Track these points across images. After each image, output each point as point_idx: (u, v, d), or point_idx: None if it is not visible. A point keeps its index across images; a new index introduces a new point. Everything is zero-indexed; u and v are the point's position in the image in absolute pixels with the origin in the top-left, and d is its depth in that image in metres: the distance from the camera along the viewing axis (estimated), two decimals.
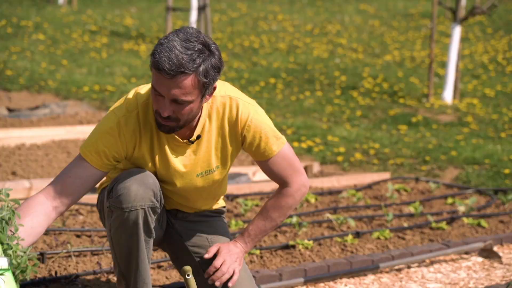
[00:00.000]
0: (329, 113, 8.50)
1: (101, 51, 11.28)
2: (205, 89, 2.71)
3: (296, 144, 7.07)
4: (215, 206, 3.17)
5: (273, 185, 5.38)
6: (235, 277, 2.93)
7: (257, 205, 4.93)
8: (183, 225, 3.09)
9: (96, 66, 10.24)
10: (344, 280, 3.88)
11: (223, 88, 2.91)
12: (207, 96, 2.77)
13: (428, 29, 13.69)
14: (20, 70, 9.50)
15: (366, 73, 10.45)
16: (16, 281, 2.41)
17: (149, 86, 2.86)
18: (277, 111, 8.45)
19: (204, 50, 2.68)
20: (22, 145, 6.26)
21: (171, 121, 2.74)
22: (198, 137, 2.87)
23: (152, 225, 2.84)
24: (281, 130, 7.57)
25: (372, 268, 3.96)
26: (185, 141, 2.87)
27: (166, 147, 2.87)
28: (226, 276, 2.91)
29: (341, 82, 9.97)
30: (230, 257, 2.95)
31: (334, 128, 7.80)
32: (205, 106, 2.86)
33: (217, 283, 2.91)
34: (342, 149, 6.97)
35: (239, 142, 2.92)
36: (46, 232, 4.02)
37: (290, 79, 10.07)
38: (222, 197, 3.20)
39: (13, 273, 2.40)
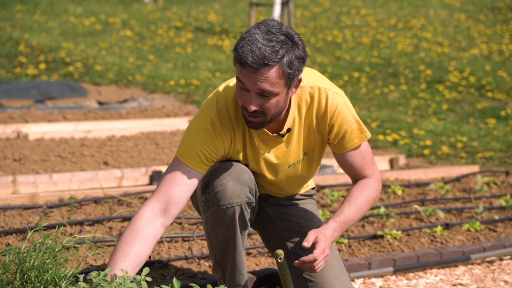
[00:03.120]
0: (414, 107, 8.40)
1: (186, 46, 11.46)
2: (290, 80, 2.67)
3: (381, 137, 7.02)
4: (305, 189, 3.18)
5: None
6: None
7: (342, 196, 4.93)
8: (274, 209, 3.11)
9: (181, 61, 10.41)
10: (434, 270, 3.84)
11: (312, 78, 2.88)
12: (293, 89, 2.73)
13: None
14: (109, 65, 9.75)
15: (452, 67, 10.27)
16: None
17: (234, 83, 2.84)
18: (361, 105, 8.40)
19: (287, 41, 2.64)
20: (112, 137, 6.42)
21: (258, 116, 2.71)
22: (289, 130, 2.86)
23: (248, 218, 2.87)
24: (365, 123, 7.52)
25: (463, 259, 3.90)
26: (275, 134, 2.86)
27: (257, 142, 2.86)
28: (323, 265, 2.82)
29: (426, 76, 9.83)
30: (327, 247, 2.83)
31: (419, 121, 7.71)
32: (294, 98, 2.84)
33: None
34: (428, 142, 6.88)
35: (326, 132, 2.90)
36: None
37: (374, 73, 9.99)
38: (312, 181, 3.20)
39: None
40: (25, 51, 10.25)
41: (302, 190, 3.17)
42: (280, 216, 3.10)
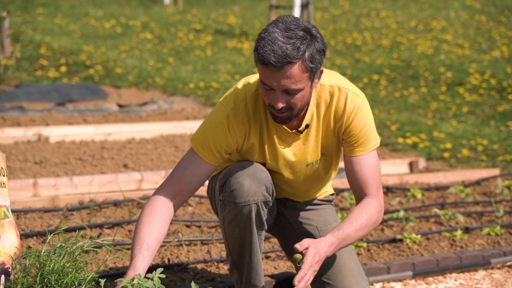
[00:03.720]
0: (434, 109, 8.37)
1: (205, 49, 11.49)
2: (313, 74, 2.68)
3: (401, 140, 7.00)
4: (324, 195, 3.17)
5: (391, 181, 5.40)
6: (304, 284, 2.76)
7: None
8: (293, 213, 3.11)
9: (201, 64, 10.44)
10: (454, 275, 3.83)
11: (332, 78, 2.89)
12: (316, 80, 2.75)
13: None
14: (129, 68, 9.80)
15: (472, 69, 10.21)
16: None
17: (257, 76, 2.85)
18: (381, 107, 8.38)
19: (306, 36, 2.65)
20: (132, 139, 6.46)
21: (285, 112, 2.74)
22: (307, 126, 2.87)
23: (264, 218, 2.87)
24: (385, 126, 7.50)
25: (483, 263, 3.88)
26: (293, 131, 2.87)
27: (276, 138, 2.88)
28: (309, 280, 2.71)
29: (447, 78, 9.78)
30: (317, 262, 2.75)
31: (439, 124, 7.67)
32: (313, 95, 2.85)
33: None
34: (448, 145, 6.84)
35: (341, 131, 2.89)
36: None
37: (394, 76, 9.96)
38: (330, 184, 3.19)
39: None
40: (46, 54, 10.33)
41: (321, 196, 3.17)
42: (299, 220, 3.10)
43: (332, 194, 3.22)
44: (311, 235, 3.07)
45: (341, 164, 5.79)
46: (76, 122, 6.96)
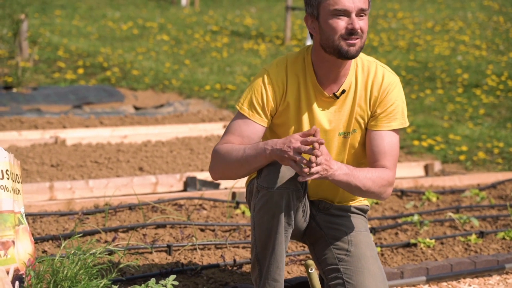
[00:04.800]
0: (450, 111, 8.34)
1: (222, 51, 11.51)
2: (370, 4, 2.91)
3: (416, 142, 6.98)
4: (358, 202, 3.20)
5: (406, 184, 5.42)
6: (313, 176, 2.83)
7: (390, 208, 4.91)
8: (324, 218, 3.16)
9: (217, 65, 10.47)
10: (468, 280, 3.82)
11: (367, 57, 3.07)
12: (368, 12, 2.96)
13: None
14: (146, 70, 9.85)
15: (489, 71, 10.16)
16: None
17: (299, 50, 3.07)
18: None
19: None
20: (148, 142, 6.49)
21: (357, 38, 2.89)
22: (343, 92, 2.99)
23: (293, 213, 2.91)
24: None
25: (497, 268, 3.87)
26: (331, 95, 2.99)
27: (313, 100, 3.00)
28: (318, 171, 2.78)
29: (463, 80, 9.74)
30: (329, 166, 2.81)
31: (456, 126, 7.65)
32: (353, 63, 3.01)
33: (305, 170, 2.80)
34: (464, 148, 6.82)
35: (375, 106, 3.00)
36: (172, 226, 4.16)
37: (410, 77, 9.94)
38: None
39: None
40: (64, 56, 10.40)
41: (355, 202, 3.20)
42: (329, 225, 3.15)
43: (367, 205, 3.24)
44: (339, 239, 3.10)
45: None
46: (92, 125, 7.01)
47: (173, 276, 2.43)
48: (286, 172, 2.86)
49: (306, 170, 2.75)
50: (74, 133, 6.50)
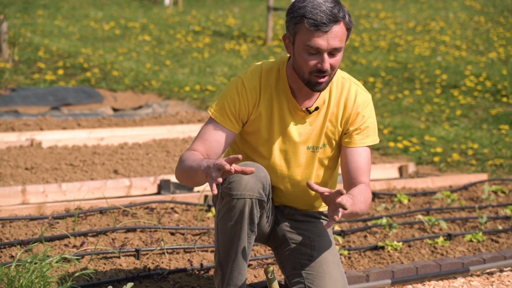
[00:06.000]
0: (428, 113, 8.40)
1: (203, 51, 11.53)
2: (349, 34, 2.93)
3: (392, 144, 7.04)
4: (323, 208, 3.25)
5: (379, 187, 5.47)
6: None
7: None
8: (289, 223, 3.20)
9: (198, 66, 10.49)
10: (433, 282, 3.87)
11: (343, 73, 3.12)
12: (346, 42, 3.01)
13: None
14: (126, 71, 9.86)
15: (468, 71, 10.24)
16: None
17: (274, 60, 3.08)
18: (375, 110, 8.35)
19: (338, 0, 2.93)
20: (124, 144, 6.51)
21: (326, 76, 2.92)
22: (317, 108, 3.04)
23: (256, 220, 2.95)
24: (377, 129, 7.54)
25: (462, 271, 3.92)
26: (304, 109, 3.04)
27: (286, 112, 3.04)
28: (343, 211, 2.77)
29: (442, 81, 9.81)
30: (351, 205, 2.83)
31: (432, 127, 7.71)
32: None
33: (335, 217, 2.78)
34: (439, 149, 6.88)
35: (347, 124, 3.06)
36: (142, 230, 4.19)
37: (390, 78, 10.00)
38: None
39: None
40: (44, 56, 10.39)
41: (321, 208, 3.24)
42: (293, 230, 3.19)
43: None
44: (302, 244, 3.14)
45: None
46: (70, 127, 7.02)
47: (130, 284, 2.46)
48: (250, 180, 2.90)
49: (336, 217, 2.74)
50: (50, 135, 6.51)
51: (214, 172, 2.72)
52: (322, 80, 2.92)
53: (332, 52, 2.89)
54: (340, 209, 2.76)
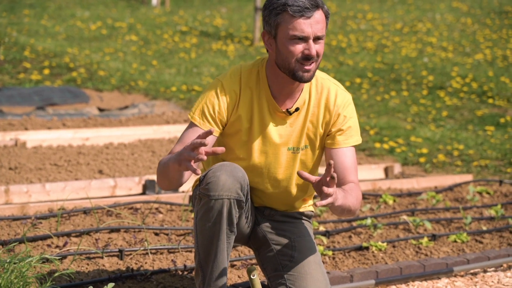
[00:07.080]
0: (414, 114, 8.42)
1: (190, 52, 11.51)
2: (327, 22, 2.97)
3: (378, 145, 7.04)
4: (304, 208, 3.25)
5: (365, 187, 5.49)
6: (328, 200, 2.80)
7: None
8: (269, 224, 3.20)
9: (184, 66, 10.46)
10: (417, 283, 3.87)
11: (323, 74, 3.12)
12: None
13: None
14: (113, 71, 9.82)
15: (455, 73, 10.27)
16: None
17: (253, 62, 3.07)
18: (361, 111, 8.42)
19: None
20: (110, 144, 6.48)
21: (313, 63, 2.93)
22: (297, 109, 3.04)
23: (235, 220, 2.94)
24: (364, 130, 7.55)
25: (445, 271, 3.93)
26: (284, 110, 3.03)
27: (266, 113, 3.04)
28: (333, 198, 2.76)
29: (429, 82, 9.84)
30: (339, 197, 2.83)
31: (418, 128, 7.72)
32: (307, 83, 3.05)
33: (326, 190, 2.76)
34: (425, 150, 6.89)
35: (329, 126, 3.06)
36: (126, 230, 4.17)
37: (376, 79, 10.01)
38: (312, 200, 3.27)
39: None
40: (30, 56, 10.34)
41: (301, 208, 3.23)
42: (274, 231, 3.19)
43: (312, 211, 3.29)
44: (283, 244, 3.13)
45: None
46: (55, 127, 6.98)
47: (111, 284, 2.44)
48: (227, 180, 2.89)
49: (318, 203, 2.71)
50: (35, 135, 6.47)
51: (188, 152, 2.72)
52: (309, 67, 2.94)
53: (315, 40, 2.92)
54: (332, 182, 2.72)
